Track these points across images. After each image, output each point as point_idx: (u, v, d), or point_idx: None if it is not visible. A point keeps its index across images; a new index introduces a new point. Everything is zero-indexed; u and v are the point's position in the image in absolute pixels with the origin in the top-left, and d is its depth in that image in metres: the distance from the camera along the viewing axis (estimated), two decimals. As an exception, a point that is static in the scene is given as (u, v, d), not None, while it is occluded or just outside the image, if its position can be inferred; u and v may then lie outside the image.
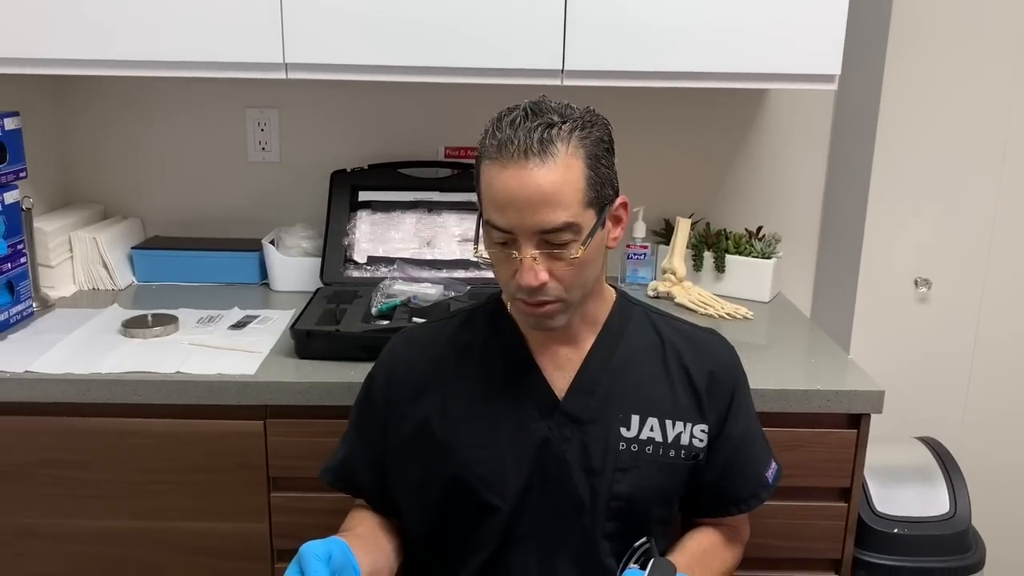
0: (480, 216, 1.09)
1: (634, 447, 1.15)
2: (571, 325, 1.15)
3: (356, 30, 1.65)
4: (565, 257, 1.05)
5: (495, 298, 1.23)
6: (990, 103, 2.14)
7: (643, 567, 1.06)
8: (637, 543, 1.11)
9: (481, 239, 1.12)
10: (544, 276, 1.05)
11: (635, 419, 1.16)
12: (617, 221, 1.14)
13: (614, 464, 1.14)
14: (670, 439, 1.17)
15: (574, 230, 1.04)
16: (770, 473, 1.25)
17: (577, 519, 1.15)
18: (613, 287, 1.24)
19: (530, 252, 1.04)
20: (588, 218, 1.06)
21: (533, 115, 1.04)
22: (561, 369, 1.17)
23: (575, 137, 1.04)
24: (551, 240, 1.04)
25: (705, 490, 1.22)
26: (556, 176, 1.02)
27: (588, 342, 1.18)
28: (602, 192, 1.07)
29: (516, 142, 1.02)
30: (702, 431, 1.18)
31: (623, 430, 1.15)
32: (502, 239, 1.06)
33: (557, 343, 1.17)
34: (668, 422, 1.17)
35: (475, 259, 1.17)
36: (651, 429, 1.16)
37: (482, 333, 1.20)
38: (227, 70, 1.67)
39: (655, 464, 1.16)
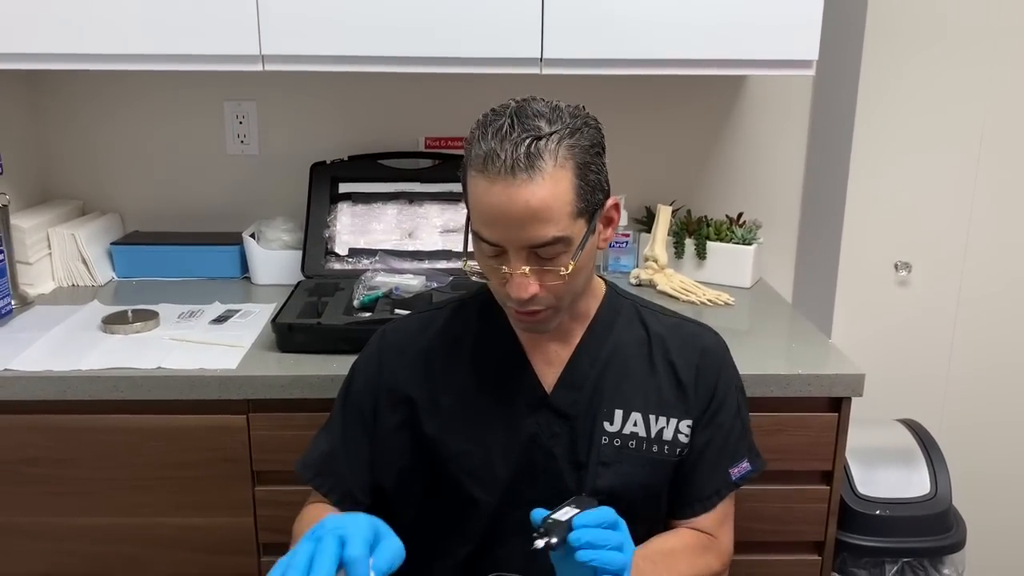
0: (468, 223, 1.08)
1: (617, 441, 1.15)
2: (560, 323, 1.14)
3: (333, 21, 1.64)
4: (556, 270, 1.03)
5: (486, 289, 1.22)
6: (968, 88, 2.15)
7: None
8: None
9: (470, 246, 1.10)
10: (535, 288, 1.04)
11: (619, 413, 1.15)
12: (608, 222, 1.12)
13: (597, 458, 1.14)
14: (653, 434, 1.16)
15: (564, 243, 1.02)
16: (737, 471, 1.21)
17: None
18: (603, 279, 1.23)
19: (520, 267, 1.03)
20: (578, 228, 1.03)
21: (520, 123, 1.00)
22: (550, 364, 1.17)
23: (564, 147, 1.00)
24: (541, 254, 1.03)
25: (676, 486, 1.20)
26: (544, 191, 0.99)
27: (577, 337, 1.18)
28: (592, 199, 1.04)
29: (503, 157, 0.98)
30: (687, 426, 1.17)
31: (606, 424, 1.15)
32: (491, 252, 1.05)
33: (546, 338, 1.17)
34: (652, 417, 1.16)
35: (465, 270, 1.16)
36: (634, 424, 1.15)
37: (473, 326, 1.20)
38: (203, 63, 1.66)
39: (638, 459, 1.15)
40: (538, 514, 0.98)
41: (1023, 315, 2.27)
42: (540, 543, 0.93)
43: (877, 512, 1.65)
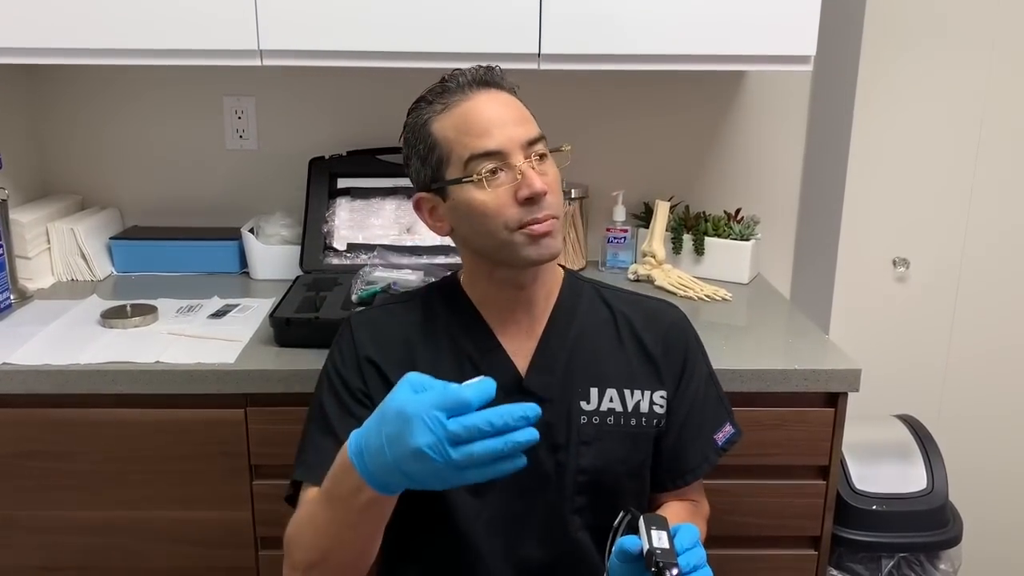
0: (433, 184, 1.12)
1: (595, 419, 1.17)
2: (535, 293, 1.17)
3: (331, 16, 1.64)
4: (549, 169, 1.10)
5: (449, 279, 1.24)
6: (967, 84, 2.15)
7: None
8: (616, 521, 1.06)
9: (433, 214, 1.16)
10: (545, 181, 1.08)
11: (594, 392, 1.17)
12: None
13: (577, 438, 1.16)
14: (630, 408, 1.18)
15: (545, 144, 1.11)
16: (720, 436, 1.24)
17: (543, 496, 1.16)
18: (561, 267, 1.25)
19: (527, 160, 1.08)
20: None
21: (471, 69, 1.13)
22: (520, 349, 1.18)
23: (508, 82, 1.15)
24: (536, 151, 1.09)
25: (662, 458, 1.22)
26: (513, 98, 1.13)
27: (542, 322, 1.19)
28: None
29: (465, 77, 1.12)
30: (661, 397, 1.20)
31: (583, 404, 1.17)
32: (492, 165, 1.07)
33: (515, 322, 1.18)
34: (627, 391, 1.18)
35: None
36: (611, 400, 1.17)
37: (442, 314, 1.21)
38: (202, 58, 1.66)
39: (617, 434, 1.17)
40: (631, 543, 0.95)
41: (1020, 312, 2.28)
42: None
43: (873, 507, 1.65)
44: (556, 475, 1.16)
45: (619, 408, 1.17)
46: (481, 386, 0.86)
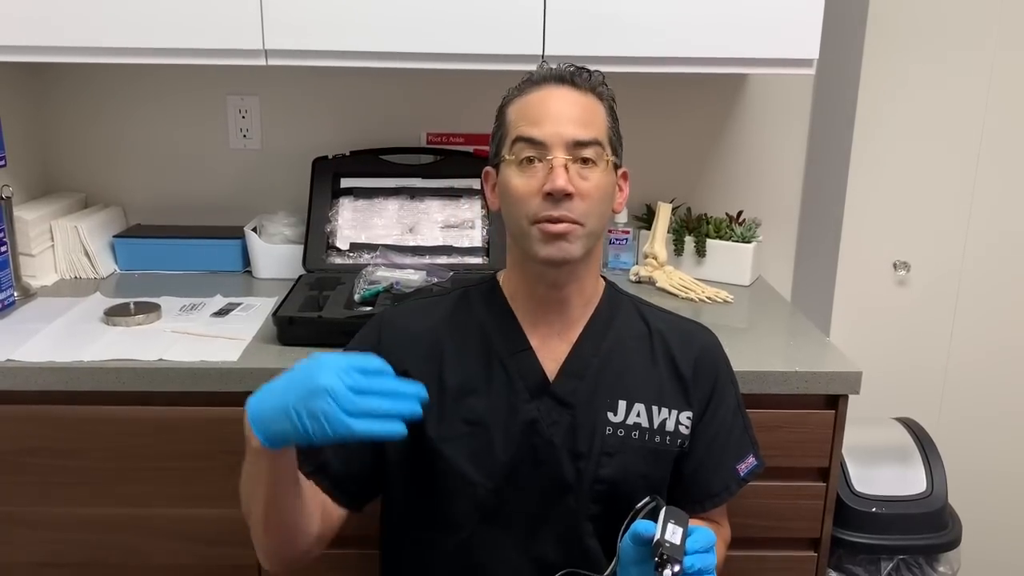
0: (493, 159, 1.17)
1: (620, 432, 1.17)
2: (570, 297, 1.17)
3: (336, 16, 1.65)
4: (591, 176, 1.10)
5: (489, 278, 1.25)
6: (968, 88, 2.15)
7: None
8: (639, 504, 1.06)
9: (490, 189, 1.19)
10: (572, 187, 1.09)
11: (622, 404, 1.17)
12: (619, 188, 1.20)
13: (600, 448, 1.16)
14: (656, 425, 1.18)
15: (598, 152, 1.11)
16: (743, 466, 1.25)
17: (561, 500, 1.16)
18: (603, 278, 1.26)
19: (562, 158, 1.09)
20: (608, 154, 1.13)
21: (559, 64, 1.16)
22: (552, 353, 1.19)
23: (600, 86, 1.16)
24: (581, 155, 1.10)
25: (684, 482, 1.23)
26: (588, 102, 1.13)
27: (578, 329, 1.20)
28: (617, 145, 1.16)
29: (551, 71, 1.14)
30: (687, 418, 1.20)
31: (610, 415, 1.17)
32: (531, 153, 1.10)
33: (547, 323, 1.19)
34: (654, 408, 1.18)
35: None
36: (637, 415, 1.18)
37: (477, 312, 1.22)
38: (206, 57, 1.67)
39: (641, 449, 1.18)
40: (645, 528, 0.98)
41: (1021, 316, 2.28)
42: (669, 573, 0.93)
43: (873, 509, 1.66)
44: (575, 482, 1.16)
45: (645, 424, 1.18)
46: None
